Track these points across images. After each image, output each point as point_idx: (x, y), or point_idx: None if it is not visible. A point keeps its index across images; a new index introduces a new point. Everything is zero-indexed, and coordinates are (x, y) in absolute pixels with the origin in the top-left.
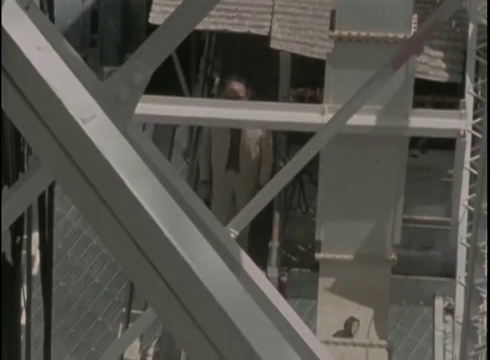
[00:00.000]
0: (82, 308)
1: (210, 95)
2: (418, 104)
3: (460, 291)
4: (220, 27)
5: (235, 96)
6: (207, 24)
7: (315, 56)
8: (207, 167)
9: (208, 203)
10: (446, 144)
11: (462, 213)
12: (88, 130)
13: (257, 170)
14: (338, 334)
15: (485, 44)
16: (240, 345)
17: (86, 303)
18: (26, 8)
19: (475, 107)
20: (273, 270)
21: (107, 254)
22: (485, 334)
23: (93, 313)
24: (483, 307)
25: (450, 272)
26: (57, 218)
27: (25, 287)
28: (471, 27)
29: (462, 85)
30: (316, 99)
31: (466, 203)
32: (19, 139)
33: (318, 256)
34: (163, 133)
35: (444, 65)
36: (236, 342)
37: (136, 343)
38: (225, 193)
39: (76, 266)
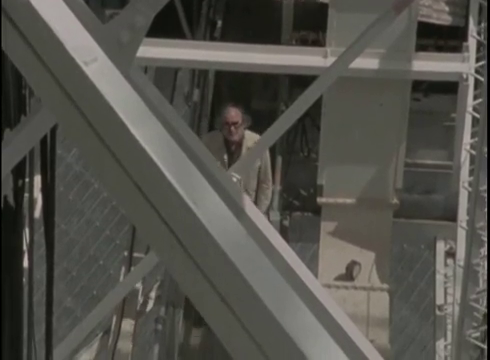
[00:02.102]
0: (84, 251)
1: (212, 38)
2: (421, 47)
3: (461, 235)
4: None
5: (232, 122)
6: None
7: None
8: None
9: None
10: (449, 88)
11: (464, 157)
12: (90, 73)
13: (255, 193)
14: (339, 278)
15: None
16: (243, 289)
17: (88, 246)
18: None
19: (478, 50)
20: (275, 214)
21: (108, 198)
22: (486, 277)
23: (95, 256)
24: (484, 251)
25: (452, 216)
26: (58, 161)
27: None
28: None
29: (465, 28)
30: (319, 42)
31: (468, 147)
32: (20, 81)
33: (320, 200)
34: (165, 76)
35: (447, 8)
36: (238, 286)
37: (138, 286)
38: None
39: (77, 210)
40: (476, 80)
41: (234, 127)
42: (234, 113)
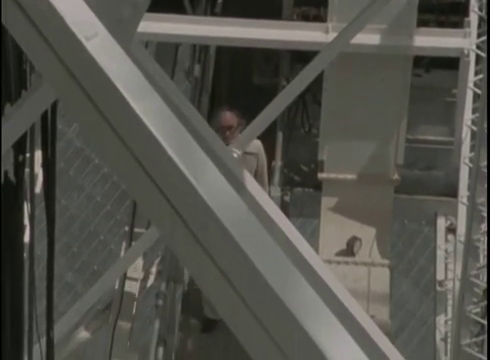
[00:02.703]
0: (84, 227)
1: (213, 14)
2: (422, 23)
3: (462, 210)
4: None
5: (227, 126)
6: None
7: None
8: None
9: None
10: (450, 63)
11: (465, 133)
12: (90, 48)
13: None
14: (340, 253)
15: None
16: (243, 264)
17: (88, 222)
18: None
19: (479, 26)
20: (276, 189)
21: (109, 173)
22: (486, 253)
23: (95, 232)
24: (484, 226)
25: (452, 192)
26: (59, 137)
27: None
28: None
29: (466, 4)
30: (320, 18)
31: (469, 123)
32: (21, 56)
33: (321, 176)
34: (165, 52)
35: None
36: (239, 261)
37: (139, 261)
38: None
39: (78, 185)
40: (477, 56)
41: (229, 131)
42: (229, 117)
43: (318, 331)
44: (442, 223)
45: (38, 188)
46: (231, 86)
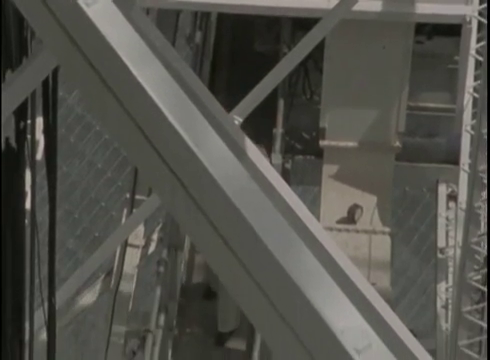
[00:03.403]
0: (85, 193)
1: None
2: None
3: (463, 178)
4: None
5: None
6: None
7: None
8: None
9: None
10: (452, 30)
11: (467, 100)
12: (91, 14)
13: None
14: (341, 221)
15: None
16: (245, 231)
17: (89, 189)
18: None
19: None
20: (277, 157)
21: (110, 140)
22: (487, 220)
23: (96, 198)
24: (486, 194)
25: (454, 159)
26: (59, 103)
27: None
28: None
29: None
30: None
31: (471, 90)
32: (22, 23)
33: (322, 143)
34: (167, 18)
35: None
36: (241, 228)
37: (140, 228)
38: None
39: (79, 152)
40: (479, 23)
41: None
42: None
43: (319, 298)
44: (443, 190)
45: (39, 155)
46: (232, 53)
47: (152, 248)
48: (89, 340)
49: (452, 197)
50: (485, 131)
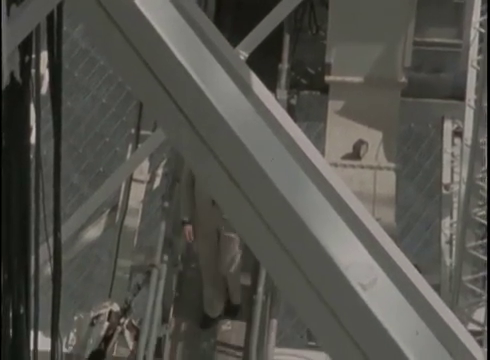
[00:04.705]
0: (90, 128)
1: None
2: None
3: (469, 114)
4: None
5: None
6: None
7: None
8: (189, 207)
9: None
10: None
11: (473, 35)
12: None
13: None
14: (346, 157)
15: None
16: (250, 167)
17: (94, 123)
18: None
19: None
20: (282, 92)
21: (114, 75)
22: None
23: (101, 134)
24: None
25: (460, 94)
26: (64, 38)
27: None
28: None
29: None
30: None
31: (477, 25)
32: None
33: (328, 78)
34: None
35: None
36: (246, 164)
37: (145, 163)
38: (210, 231)
39: (83, 86)
40: None
41: None
42: None
43: (325, 234)
44: (449, 126)
45: (44, 89)
46: None
47: (157, 183)
48: (94, 275)
49: (457, 133)
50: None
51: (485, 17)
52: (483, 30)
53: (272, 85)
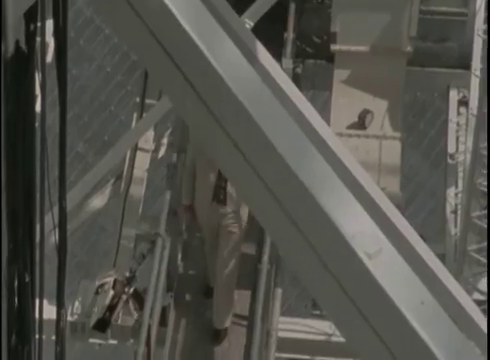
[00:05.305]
0: (94, 97)
1: None
2: None
3: (475, 83)
4: None
5: None
6: None
7: None
8: (191, 192)
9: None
10: None
11: (479, 4)
12: None
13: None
14: (352, 126)
15: None
16: (256, 136)
17: (98, 92)
18: None
19: None
20: (288, 61)
21: (120, 43)
22: None
23: (106, 102)
24: None
25: (466, 64)
26: (69, 6)
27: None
28: None
29: None
30: None
31: None
32: None
33: (334, 47)
34: None
35: None
36: (252, 133)
37: (150, 133)
38: (210, 225)
39: (88, 55)
40: None
41: None
42: None
43: (331, 203)
44: (454, 95)
45: (49, 57)
46: None
47: (162, 152)
48: (99, 243)
49: (463, 102)
50: None
51: None
52: None
53: (278, 54)
